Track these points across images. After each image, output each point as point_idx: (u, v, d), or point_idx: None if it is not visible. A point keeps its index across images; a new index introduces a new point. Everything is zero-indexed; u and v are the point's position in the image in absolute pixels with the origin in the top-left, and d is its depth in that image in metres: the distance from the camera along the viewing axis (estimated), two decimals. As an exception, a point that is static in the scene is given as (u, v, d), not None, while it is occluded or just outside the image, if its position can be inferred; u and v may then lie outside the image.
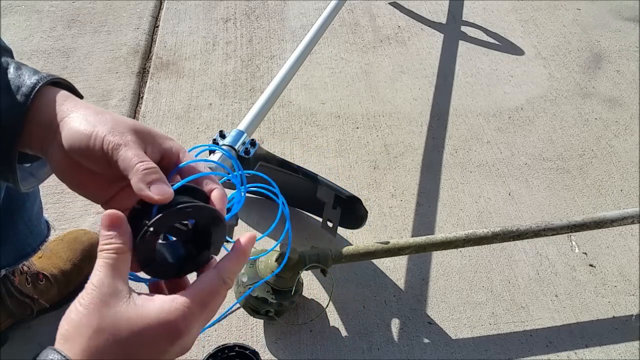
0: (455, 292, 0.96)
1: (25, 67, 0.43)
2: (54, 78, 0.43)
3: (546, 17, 1.62)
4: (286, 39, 1.51)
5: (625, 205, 1.12)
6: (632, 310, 0.94)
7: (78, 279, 0.91)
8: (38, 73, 0.42)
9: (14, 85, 0.41)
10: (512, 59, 1.47)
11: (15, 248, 0.77)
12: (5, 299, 0.80)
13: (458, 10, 1.64)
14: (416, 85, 1.38)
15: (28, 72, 0.42)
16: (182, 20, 1.57)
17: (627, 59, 1.48)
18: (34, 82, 0.41)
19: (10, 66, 0.42)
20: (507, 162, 1.20)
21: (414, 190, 1.13)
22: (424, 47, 1.49)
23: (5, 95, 0.40)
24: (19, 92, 0.40)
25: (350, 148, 1.21)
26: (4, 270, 0.78)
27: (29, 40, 1.47)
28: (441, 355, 0.87)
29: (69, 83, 0.45)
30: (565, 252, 1.03)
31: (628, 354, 0.88)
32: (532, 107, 1.33)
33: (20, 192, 0.45)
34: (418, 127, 1.27)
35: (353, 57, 1.46)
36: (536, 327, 0.92)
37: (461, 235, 0.86)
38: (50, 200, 1.07)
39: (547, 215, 1.09)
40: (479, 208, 1.10)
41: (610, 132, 1.28)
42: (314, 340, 0.89)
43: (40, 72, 0.42)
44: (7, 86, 0.41)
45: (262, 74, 1.39)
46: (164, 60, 1.43)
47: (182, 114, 1.28)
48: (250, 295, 0.82)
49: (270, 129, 1.25)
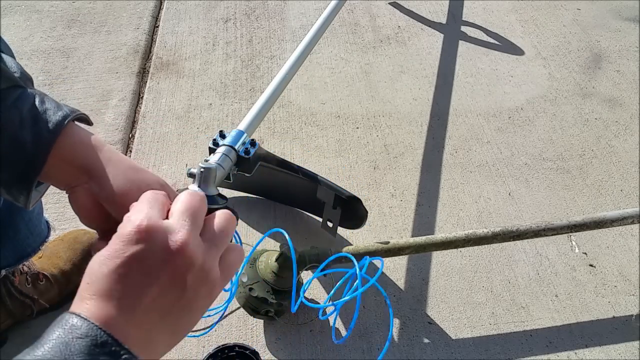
0: (455, 292, 0.96)
1: (48, 100, 0.43)
2: (77, 114, 0.44)
3: (546, 17, 1.62)
4: (286, 39, 1.51)
5: (625, 205, 1.12)
6: (632, 310, 0.94)
7: (78, 279, 0.90)
8: (61, 108, 0.43)
9: (40, 119, 0.42)
10: (512, 59, 1.47)
11: (15, 248, 0.77)
12: (6, 299, 0.80)
13: (458, 10, 1.64)
14: (416, 85, 1.38)
15: (52, 105, 0.43)
16: (182, 20, 1.57)
17: (627, 59, 1.48)
18: (60, 118, 0.42)
19: (36, 99, 0.43)
20: (507, 162, 1.20)
21: (414, 190, 1.13)
22: (424, 47, 1.49)
23: (30, 129, 0.41)
24: (46, 127, 0.41)
25: (350, 148, 1.21)
26: (4, 270, 0.78)
27: (29, 40, 1.47)
28: (441, 355, 0.87)
29: (86, 116, 0.46)
30: (565, 252, 1.03)
31: (628, 354, 0.88)
32: (532, 107, 1.33)
33: (28, 209, 0.48)
34: (418, 127, 1.27)
35: (353, 57, 1.46)
36: (536, 327, 0.92)
37: (461, 235, 0.86)
38: (50, 200, 1.07)
39: (547, 215, 1.09)
40: (479, 208, 1.10)
41: (610, 132, 1.28)
42: (314, 340, 0.89)
43: (62, 107, 0.43)
44: (33, 120, 0.41)
45: (262, 74, 1.39)
46: (164, 60, 1.43)
47: (182, 114, 1.28)
48: (250, 295, 0.82)
49: (270, 129, 1.25)
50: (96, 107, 1.29)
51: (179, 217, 0.36)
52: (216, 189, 0.47)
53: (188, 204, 0.37)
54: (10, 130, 0.41)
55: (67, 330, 0.30)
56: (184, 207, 0.37)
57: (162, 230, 0.34)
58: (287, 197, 1.07)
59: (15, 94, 0.42)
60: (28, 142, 0.41)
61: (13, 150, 0.41)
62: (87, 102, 1.30)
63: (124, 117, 1.26)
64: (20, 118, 0.41)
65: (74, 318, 0.30)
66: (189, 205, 0.37)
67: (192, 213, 0.37)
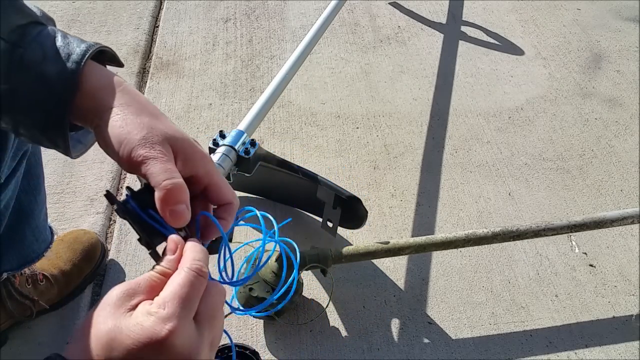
0: (455, 292, 0.96)
1: (71, 36, 0.42)
2: (100, 47, 0.42)
3: (546, 17, 1.62)
4: (286, 39, 1.51)
5: (625, 205, 1.12)
6: (632, 310, 0.94)
7: (78, 279, 0.91)
8: (85, 42, 0.42)
9: (63, 52, 0.40)
10: (512, 59, 1.47)
11: (20, 254, 0.77)
12: (6, 300, 0.80)
13: (458, 10, 1.64)
14: (416, 85, 1.38)
15: (76, 40, 0.42)
16: (182, 20, 1.57)
17: (627, 59, 1.48)
18: (84, 49, 0.41)
19: (58, 34, 0.42)
20: (507, 162, 1.20)
21: (414, 190, 1.13)
22: (424, 47, 1.49)
23: (55, 63, 0.40)
24: (70, 59, 0.40)
25: (350, 148, 1.21)
26: (6, 273, 0.78)
27: (29, 40, 1.47)
28: (441, 355, 0.87)
29: (113, 51, 0.44)
30: (565, 252, 1.03)
31: (628, 354, 0.88)
32: (532, 107, 1.33)
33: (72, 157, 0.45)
34: (418, 127, 1.27)
35: (353, 57, 1.46)
36: (536, 327, 0.92)
37: (461, 235, 0.86)
38: (50, 200, 1.06)
39: (547, 215, 1.09)
40: (479, 208, 1.10)
41: (610, 132, 1.28)
42: (314, 340, 0.89)
43: (85, 41, 0.42)
44: (56, 54, 0.40)
45: (262, 74, 1.39)
46: (164, 60, 1.43)
47: (182, 114, 1.28)
48: (250, 295, 0.82)
49: (270, 129, 1.25)
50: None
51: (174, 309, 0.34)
52: None
53: (189, 292, 0.35)
54: (35, 66, 0.40)
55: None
56: (183, 293, 0.34)
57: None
58: (287, 197, 1.07)
59: (36, 29, 0.41)
60: (53, 76, 0.39)
61: (41, 87, 0.39)
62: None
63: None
64: (43, 53, 0.40)
65: None
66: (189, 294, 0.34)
67: (190, 299, 0.34)
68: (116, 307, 0.34)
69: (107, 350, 0.32)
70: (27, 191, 0.71)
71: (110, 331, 0.32)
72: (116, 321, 0.33)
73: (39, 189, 0.74)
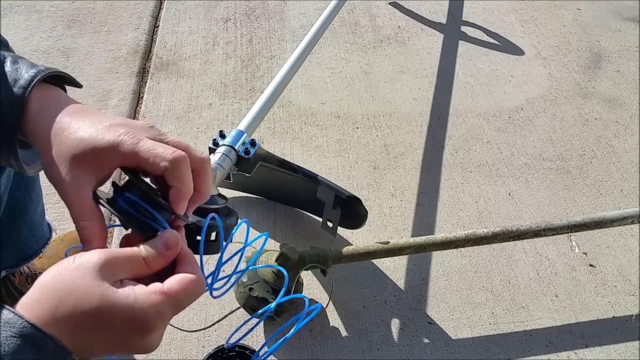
0: (455, 292, 0.96)
1: (22, 61, 0.43)
2: (52, 72, 0.43)
3: (546, 17, 1.62)
4: (286, 39, 1.51)
5: (625, 205, 1.12)
6: (632, 310, 0.94)
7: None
8: (35, 66, 0.42)
9: (10, 78, 0.41)
10: (512, 59, 1.47)
11: (17, 251, 0.77)
12: (6, 299, 0.80)
13: (458, 10, 1.64)
14: (416, 85, 1.38)
15: (25, 65, 0.42)
16: (182, 20, 1.57)
17: (627, 59, 1.48)
18: (32, 75, 0.41)
19: (7, 60, 0.42)
20: (507, 162, 1.20)
21: (414, 190, 1.13)
22: (424, 47, 1.49)
23: (2, 88, 0.40)
24: (16, 85, 0.40)
25: (350, 148, 1.21)
26: (5, 271, 0.78)
27: (29, 40, 1.47)
28: (441, 355, 0.87)
29: (67, 75, 0.44)
30: (565, 252, 1.03)
31: (628, 354, 0.88)
32: (532, 107, 1.33)
33: (28, 175, 0.46)
34: (418, 127, 1.27)
35: (353, 57, 1.46)
36: (536, 327, 0.92)
37: (461, 235, 0.86)
38: (50, 200, 1.07)
39: (547, 215, 1.09)
40: (479, 208, 1.10)
41: (610, 132, 1.28)
42: (314, 340, 0.89)
43: (37, 65, 0.42)
44: (3, 79, 0.41)
45: (262, 74, 1.39)
46: (164, 60, 1.43)
47: (182, 114, 1.28)
48: (250, 295, 0.82)
49: (270, 129, 1.25)
50: (96, 107, 1.29)
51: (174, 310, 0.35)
52: (216, 189, 0.48)
53: (190, 295, 0.36)
54: None
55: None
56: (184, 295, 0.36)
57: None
58: (287, 197, 1.07)
59: None
60: (0, 101, 0.40)
61: None
62: (87, 102, 1.30)
63: (124, 117, 1.26)
64: None
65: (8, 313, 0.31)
66: (187, 296, 0.36)
67: (185, 304, 0.36)
68: (99, 276, 0.33)
69: (94, 319, 0.32)
70: (20, 187, 0.71)
71: (99, 302, 0.32)
72: (104, 293, 0.33)
73: (32, 185, 0.74)
